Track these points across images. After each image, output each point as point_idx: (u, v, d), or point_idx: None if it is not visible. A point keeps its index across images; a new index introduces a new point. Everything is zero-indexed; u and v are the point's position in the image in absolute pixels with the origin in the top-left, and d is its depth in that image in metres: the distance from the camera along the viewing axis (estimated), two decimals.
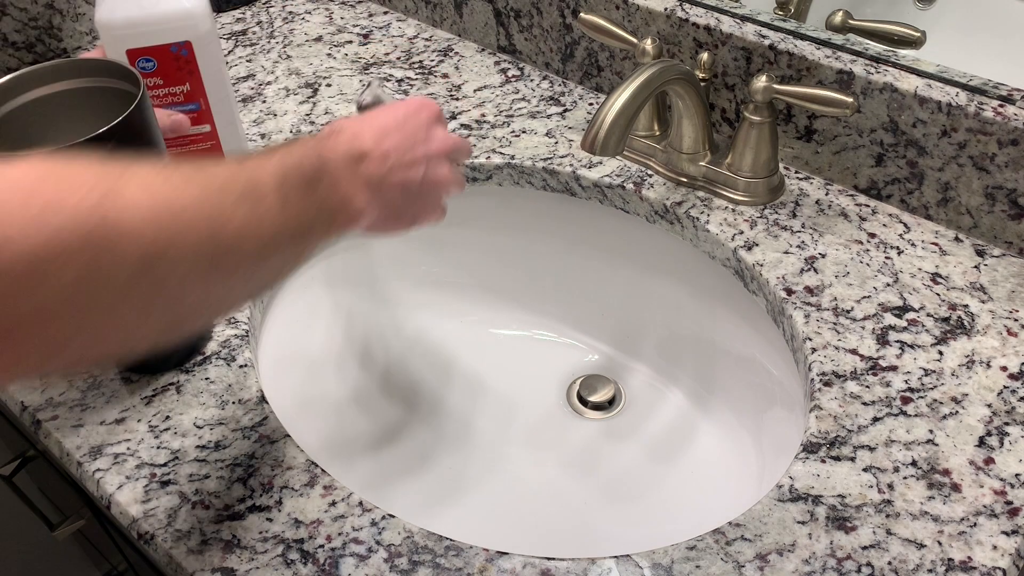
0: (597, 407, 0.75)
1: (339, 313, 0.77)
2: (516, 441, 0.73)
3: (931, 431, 0.54)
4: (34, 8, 0.88)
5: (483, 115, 0.81)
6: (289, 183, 0.41)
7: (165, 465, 0.54)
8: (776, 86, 0.66)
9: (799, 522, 0.49)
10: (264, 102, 0.84)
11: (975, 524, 0.49)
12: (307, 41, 0.94)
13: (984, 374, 0.57)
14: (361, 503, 0.52)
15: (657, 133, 0.74)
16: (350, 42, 0.93)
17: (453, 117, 0.81)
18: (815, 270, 0.65)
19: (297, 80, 0.87)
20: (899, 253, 0.66)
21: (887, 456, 0.53)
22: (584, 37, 0.81)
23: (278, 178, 0.40)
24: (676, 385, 0.76)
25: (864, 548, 0.48)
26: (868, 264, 0.65)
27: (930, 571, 0.47)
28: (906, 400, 0.56)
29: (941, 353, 0.59)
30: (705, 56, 0.72)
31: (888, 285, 0.63)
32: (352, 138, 0.47)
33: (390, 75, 0.87)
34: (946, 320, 0.61)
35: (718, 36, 0.71)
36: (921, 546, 0.48)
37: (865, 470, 0.52)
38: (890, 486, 0.51)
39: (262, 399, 0.57)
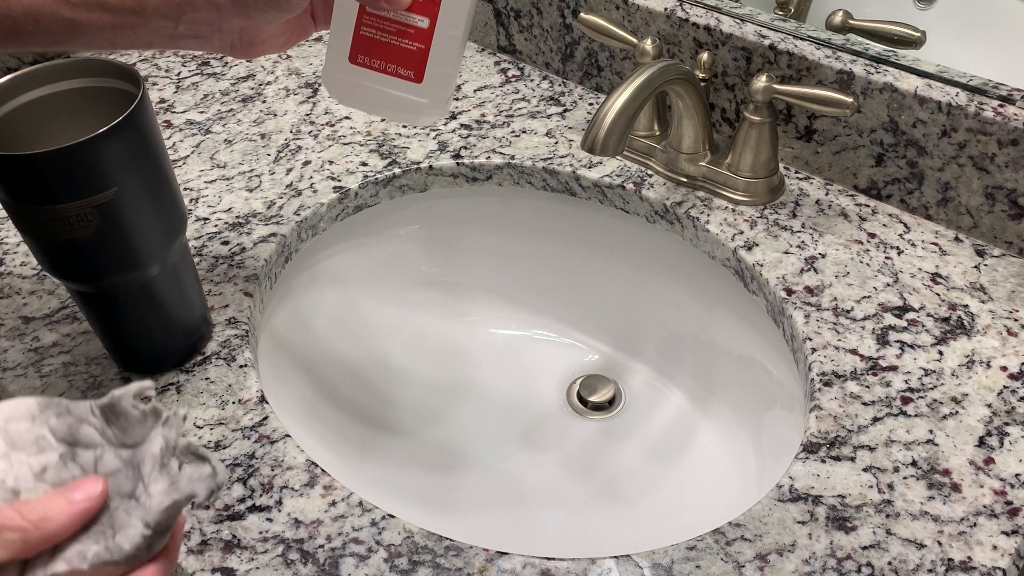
0: (597, 407, 0.75)
1: (339, 313, 0.77)
2: (516, 441, 0.73)
3: (931, 431, 0.54)
4: None
5: (483, 115, 0.81)
6: None
7: None
8: (776, 86, 0.66)
9: (799, 522, 0.49)
10: (264, 102, 0.84)
11: (975, 524, 0.49)
12: (307, 41, 0.94)
13: (984, 374, 0.57)
14: (361, 503, 0.52)
15: (657, 133, 0.74)
16: None
17: (453, 117, 0.81)
18: (815, 270, 0.65)
19: (297, 80, 0.87)
20: (899, 253, 0.66)
21: (887, 456, 0.53)
22: (584, 37, 0.81)
23: None
24: (676, 385, 0.76)
25: (864, 548, 0.48)
26: (868, 264, 0.65)
27: (930, 571, 0.47)
28: (906, 400, 0.56)
29: (941, 353, 0.59)
30: (705, 56, 0.72)
31: (888, 285, 0.63)
32: None
33: None
34: (946, 320, 0.61)
35: (718, 36, 0.71)
36: (921, 546, 0.48)
37: (865, 470, 0.52)
38: (890, 486, 0.51)
39: (262, 399, 0.57)
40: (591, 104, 0.82)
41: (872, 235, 0.67)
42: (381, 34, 0.50)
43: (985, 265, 0.65)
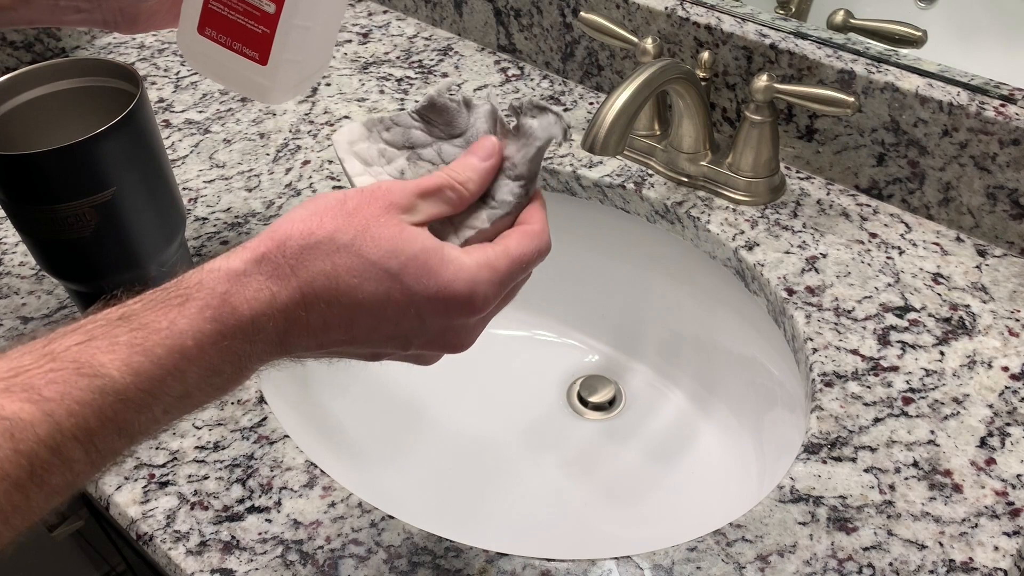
0: (597, 408, 0.75)
1: None
2: (516, 442, 0.73)
3: (932, 432, 0.54)
4: None
5: None
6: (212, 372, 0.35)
7: (164, 466, 0.54)
8: (777, 85, 0.65)
9: (800, 523, 0.49)
10: None
11: (976, 525, 0.49)
12: None
13: (985, 374, 0.57)
14: (360, 504, 0.51)
15: (658, 132, 0.74)
16: (349, 41, 0.93)
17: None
18: (816, 270, 0.64)
19: None
20: (900, 253, 0.66)
21: (888, 457, 0.52)
22: (584, 36, 0.81)
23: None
24: (676, 385, 0.75)
25: (865, 549, 0.48)
26: (869, 264, 0.65)
27: (931, 572, 0.47)
28: (907, 400, 0.56)
29: (942, 353, 0.58)
30: (706, 55, 0.71)
31: (889, 285, 0.63)
32: (316, 335, 0.37)
33: (389, 74, 0.87)
34: (947, 320, 0.61)
35: (719, 35, 0.71)
36: (922, 547, 0.48)
37: (866, 471, 0.52)
38: (891, 487, 0.51)
39: (261, 399, 0.57)
40: (591, 103, 0.82)
41: (873, 235, 0.67)
42: (228, 11, 0.50)
43: (986, 265, 0.65)
